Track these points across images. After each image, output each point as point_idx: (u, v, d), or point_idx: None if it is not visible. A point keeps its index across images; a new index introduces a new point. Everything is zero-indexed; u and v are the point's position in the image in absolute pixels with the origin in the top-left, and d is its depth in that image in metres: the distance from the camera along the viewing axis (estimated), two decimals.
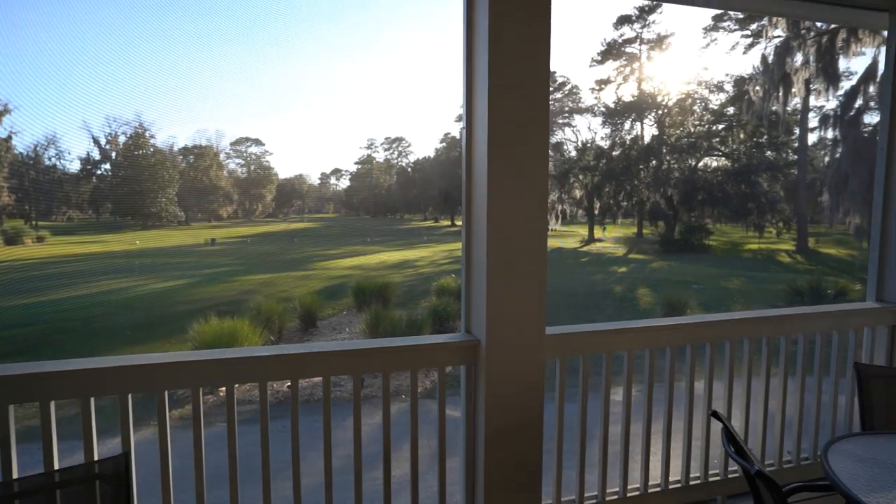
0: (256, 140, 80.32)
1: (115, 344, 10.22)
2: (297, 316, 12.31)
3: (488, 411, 2.14)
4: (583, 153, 31.92)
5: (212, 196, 62.56)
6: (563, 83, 44.73)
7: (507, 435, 2.17)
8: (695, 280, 17.35)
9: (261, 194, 75.91)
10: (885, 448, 1.94)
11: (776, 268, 20.58)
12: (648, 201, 27.42)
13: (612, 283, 16.79)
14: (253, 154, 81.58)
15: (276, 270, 19.88)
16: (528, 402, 2.18)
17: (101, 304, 13.19)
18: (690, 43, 50.36)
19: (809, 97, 19.71)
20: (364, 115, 55.41)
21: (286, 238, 40.82)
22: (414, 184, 64.16)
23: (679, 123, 28.70)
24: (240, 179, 75.94)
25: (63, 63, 32.15)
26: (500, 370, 2.13)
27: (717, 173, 26.45)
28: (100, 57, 33.24)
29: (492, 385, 2.13)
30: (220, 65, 37.26)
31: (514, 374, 2.15)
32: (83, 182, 41.54)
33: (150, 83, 38.13)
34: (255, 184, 75.79)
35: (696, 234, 26.24)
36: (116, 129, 40.17)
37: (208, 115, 43.66)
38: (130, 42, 37.15)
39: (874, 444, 1.97)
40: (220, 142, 73.90)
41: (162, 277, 17.89)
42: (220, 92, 41.63)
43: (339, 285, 15.80)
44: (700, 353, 2.70)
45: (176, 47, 38.25)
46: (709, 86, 28.02)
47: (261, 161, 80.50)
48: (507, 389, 2.15)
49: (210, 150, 65.62)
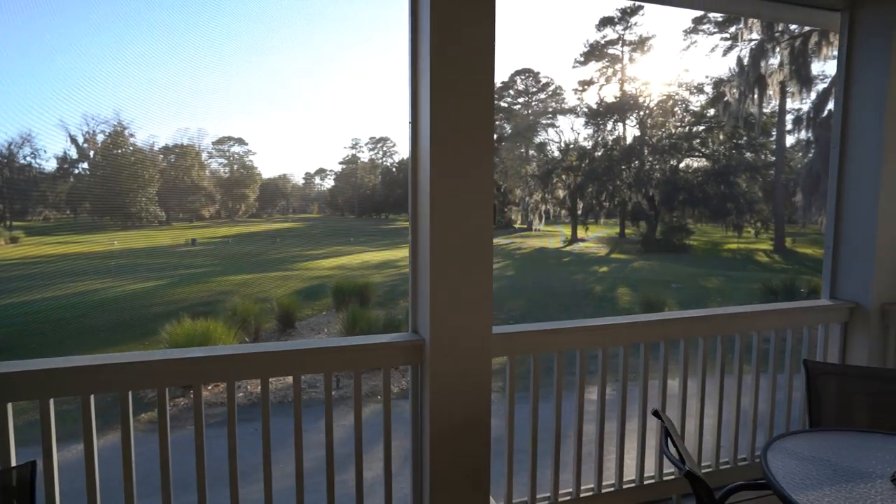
0: (239, 139, 78.94)
1: (86, 346, 10.01)
2: (275, 317, 12.18)
3: (433, 411, 2.11)
4: (566, 153, 32.11)
5: (193, 196, 61.75)
6: (547, 84, 44.97)
7: (453, 434, 2.13)
8: (674, 279, 17.52)
9: (244, 194, 75.12)
10: (824, 445, 1.94)
11: (754, 267, 20.89)
12: (630, 201, 27.67)
13: (592, 283, 16.89)
14: (236, 153, 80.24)
15: (256, 271, 19.67)
16: (474, 402, 2.15)
17: (73, 306, 12.92)
18: (671, 45, 50.99)
19: (786, 99, 20.04)
20: (349, 114, 55.13)
21: (268, 238, 40.43)
22: (398, 184, 63.96)
23: (661, 124, 29.01)
24: (222, 179, 75.02)
25: (37, 59, 31.48)
26: (445, 370, 2.10)
27: (697, 174, 26.78)
28: (78, 53, 32.59)
29: (436, 385, 2.10)
30: (202, 63, 36.76)
31: (460, 374, 2.12)
32: (60, 181, 40.71)
33: (129, 81, 37.52)
34: (238, 183, 74.96)
35: (677, 234, 26.54)
36: (94, 128, 39.38)
37: (190, 114, 43.07)
38: (110, 38, 36.49)
39: (814, 442, 1.97)
40: (202, 141, 72.22)
41: (139, 278, 17.59)
42: (202, 91, 41.06)
43: (320, 286, 15.67)
44: (654, 351, 2.70)
45: (158, 45, 37.66)
46: (689, 87, 28.39)
47: (244, 161, 79.35)
48: (453, 389, 2.12)
49: (192, 149, 64.66)
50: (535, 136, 34.35)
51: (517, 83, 47.00)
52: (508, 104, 47.37)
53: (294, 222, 66.76)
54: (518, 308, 13.86)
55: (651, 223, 27.55)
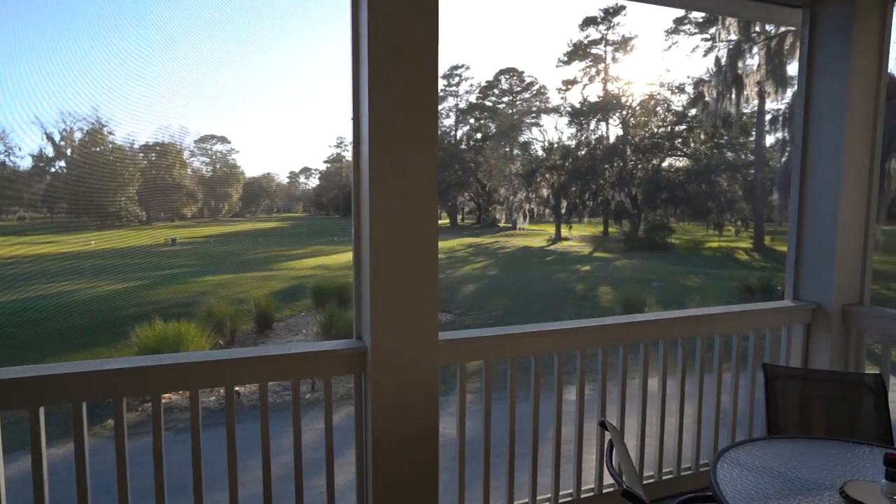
0: (222, 138, 78.07)
1: (53, 351, 9.73)
2: (252, 318, 11.97)
3: (376, 422, 2.01)
4: (550, 152, 32.17)
5: (175, 195, 60.89)
6: (531, 83, 45.04)
7: (398, 447, 2.04)
8: (656, 278, 17.62)
9: (227, 193, 74.29)
10: (777, 455, 1.88)
11: (734, 265, 21.10)
12: (613, 200, 27.81)
13: (574, 282, 16.91)
14: (218, 152, 79.38)
15: (236, 271, 19.38)
16: (421, 412, 2.06)
17: (43, 308, 12.57)
18: (653, 45, 51.46)
19: (765, 99, 20.27)
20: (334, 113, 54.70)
21: (251, 238, 39.96)
22: None
23: (643, 124, 29.19)
24: (205, 178, 74.15)
25: (11, 53, 30.70)
26: (388, 379, 2.00)
27: (679, 173, 27.00)
28: (53, 48, 31.85)
29: (379, 394, 2.00)
30: (183, 60, 36.14)
31: (405, 382, 2.02)
32: (36, 179, 39.81)
33: (108, 77, 36.81)
34: (221, 182, 74.15)
35: (660, 233, 26.73)
36: (72, 125, 38.58)
37: (171, 111, 42.42)
38: (87, 33, 35.75)
39: (767, 451, 1.91)
40: (183, 139, 71.25)
41: (114, 279, 17.21)
42: (184, 88, 40.42)
43: (300, 286, 15.48)
44: (614, 356, 2.62)
45: (138, 41, 36.96)
46: (671, 87, 28.60)
47: (227, 159, 78.43)
48: (397, 399, 2.02)
49: (173, 147, 63.67)
50: (519, 136, 34.38)
51: (501, 82, 46.99)
52: (493, 103, 47.34)
53: (278, 222, 66.15)
54: (500, 307, 13.80)
55: (634, 222, 27.72)
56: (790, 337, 3.02)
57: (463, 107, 52.22)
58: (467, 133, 51.05)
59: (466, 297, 14.87)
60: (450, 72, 53.83)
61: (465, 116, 51.69)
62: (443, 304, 13.87)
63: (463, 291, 15.54)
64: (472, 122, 50.28)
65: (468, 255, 25.30)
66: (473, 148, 44.94)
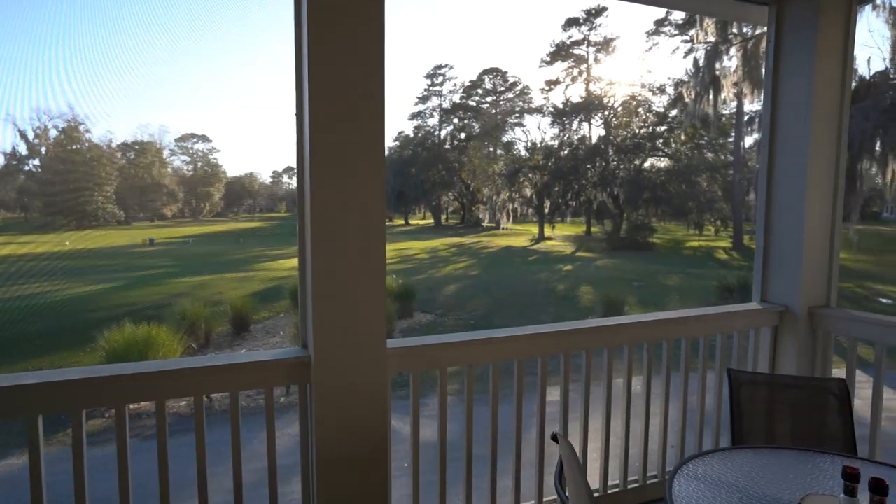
0: (203, 136, 77.19)
1: (17, 356, 9.41)
2: (228, 320, 11.73)
3: (320, 436, 1.89)
4: (533, 152, 32.23)
5: (154, 194, 59.89)
6: (515, 83, 45.10)
7: (345, 463, 1.92)
8: (636, 277, 17.70)
9: (208, 192, 73.30)
10: (737, 467, 1.81)
11: (713, 264, 21.30)
12: (596, 200, 27.95)
13: (555, 282, 16.90)
14: (199, 151, 78.38)
15: (215, 272, 19.03)
16: (369, 425, 1.95)
17: (10, 311, 12.18)
18: (634, 46, 51.92)
19: (744, 101, 20.50)
20: None
21: (232, 238, 39.40)
22: None
23: (625, 125, 29.38)
24: (185, 177, 73.11)
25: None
26: (333, 390, 1.89)
27: (660, 173, 27.22)
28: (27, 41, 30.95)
29: (324, 407, 1.89)
30: (163, 58, 35.47)
31: (351, 395, 1.91)
32: (9, 178, 38.75)
33: (84, 74, 35.92)
34: (203, 181, 73.12)
35: (642, 232, 26.92)
36: (46, 122, 37.62)
37: (151, 109, 41.61)
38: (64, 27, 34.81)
39: (727, 463, 1.84)
40: (163, 138, 70.32)
41: (87, 281, 16.78)
42: (164, 86, 39.69)
43: (279, 287, 15.23)
44: (576, 360, 2.54)
45: (116, 37, 36.12)
46: (652, 88, 28.83)
47: (208, 158, 77.51)
48: (344, 412, 1.91)
49: (152, 146, 62.73)
50: (502, 136, 34.38)
51: (485, 82, 46.96)
52: (476, 103, 47.30)
53: (261, 221, 65.41)
54: (481, 308, 13.72)
55: (616, 222, 27.88)
56: (758, 340, 2.97)
57: (447, 106, 52.11)
58: (451, 132, 50.96)
59: (448, 298, 14.77)
60: (433, 71, 53.63)
61: (449, 116, 51.59)
62: (424, 305, 13.76)
63: (444, 292, 15.44)
64: (455, 121, 50.21)
65: (451, 255, 25.20)
66: (457, 148, 44.88)
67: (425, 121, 53.52)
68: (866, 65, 20.35)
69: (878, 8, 10.66)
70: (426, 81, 54.05)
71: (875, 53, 52.85)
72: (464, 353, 2.23)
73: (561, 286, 16.23)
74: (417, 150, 49.71)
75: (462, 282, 16.94)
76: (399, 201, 54.60)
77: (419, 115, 53.24)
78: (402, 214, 58.69)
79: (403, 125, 74.74)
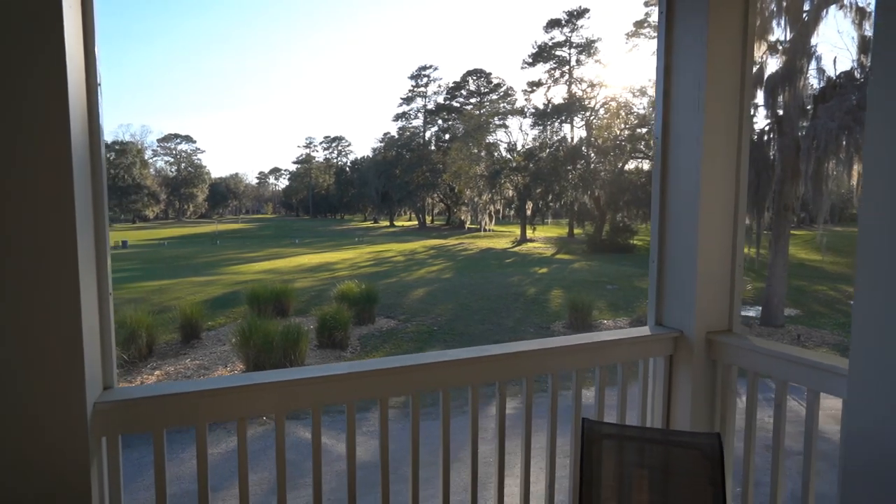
0: (187, 137, 76.77)
1: None
2: (178, 327, 11.20)
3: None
4: (514, 153, 31.85)
5: (135, 195, 59.05)
6: (498, 84, 44.78)
7: None
8: (611, 280, 17.33)
9: (192, 194, 72.49)
10: None
11: None
12: (577, 202, 27.63)
13: (528, 285, 16.49)
14: (183, 151, 77.77)
15: (178, 276, 18.46)
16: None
17: None
18: (615, 48, 51.71)
19: None
20: (303, 112, 53.35)
21: (209, 240, 38.64)
22: (352, 183, 62.76)
23: (606, 126, 29.08)
24: (168, 178, 72.23)
25: None
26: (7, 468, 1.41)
27: (641, 175, 26.95)
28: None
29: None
30: (146, 56, 34.73)
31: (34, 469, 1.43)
32: None
33: None
34: (186, 183, 72.32)
35: (622, 234, 26.62)
36: None
37: (132, 109, 40.86)
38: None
39: None
40: (145, 138, 69.87)
41: None
42: (146, 85, 38.91)
43: (240, 291, 14.69)
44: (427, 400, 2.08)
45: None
46: (632, 90, 28.52)
47: (192, 159, 76.93)
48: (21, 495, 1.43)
49: (133, 146, 61.92)
50: (486, 137, 33.98)
51: (469, 83, 46.54)
52: (461, 104, 46.85)
53: (245, 223, 64.60)
54: (447, 313, 13.28)
55: (597, 223, 27.57)
56: (652, 371, 2.52)
57: (431, 108, 51.63)
58: (436, 134, 50.46)
59: (414, 302, 14.32)
60: (418, 72, 53.17)
61: (434, 117, 51.10)
62: (387, 310, 13.30)
63: (412, 296, 14.97)
64: (440, 122, 49.71)
65: (427, 257, 24.73)
66: (442, 149, 44.39)
67: (410, 122, 52.99)
68: (832, 65, 20.15)
69: (844, 8, 10.34)
70: (410, 83, 53.52)
71: (843, 55, 52.58)
72: (204, 406, 1.72)
73: (532, 290, 15.82)
74: (402, 152, 49.13)
75: (432, 285, 16.49)
76: (383, 203, 53.89)
77: (403, 117, 52.66)
78: (388, 216, 57.95)
79: (389, 126, 73.91)
